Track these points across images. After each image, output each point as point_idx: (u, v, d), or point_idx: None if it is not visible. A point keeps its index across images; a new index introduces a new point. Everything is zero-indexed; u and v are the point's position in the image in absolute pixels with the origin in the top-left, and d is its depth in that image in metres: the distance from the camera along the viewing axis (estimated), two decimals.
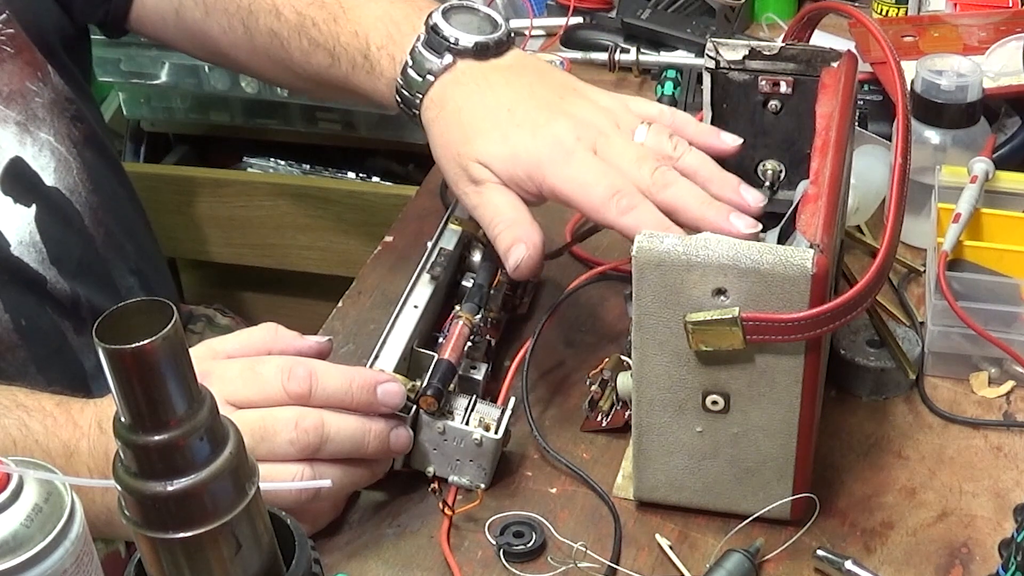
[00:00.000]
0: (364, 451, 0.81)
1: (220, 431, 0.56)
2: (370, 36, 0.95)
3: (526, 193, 0.86)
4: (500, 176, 0.86)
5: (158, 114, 1.75)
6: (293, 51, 1.01)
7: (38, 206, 1.01)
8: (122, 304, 0.54)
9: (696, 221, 0.80)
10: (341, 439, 0.79)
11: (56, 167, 1.04)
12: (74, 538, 0.55)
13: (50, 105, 1.04)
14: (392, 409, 0.82)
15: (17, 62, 1.02)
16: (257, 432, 0.77)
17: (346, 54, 0.97)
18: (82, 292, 1.04)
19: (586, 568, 0.79)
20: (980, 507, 0.84)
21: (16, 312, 0.99)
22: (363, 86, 0.97)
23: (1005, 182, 1.01)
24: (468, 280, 0.96)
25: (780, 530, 0.82)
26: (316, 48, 0.99)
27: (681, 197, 0.81)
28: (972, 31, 1.24)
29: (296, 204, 1.62)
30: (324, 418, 0.79)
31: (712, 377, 0.76)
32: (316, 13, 0.99)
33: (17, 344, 0.99)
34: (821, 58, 0.86)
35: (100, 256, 1.08)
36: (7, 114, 1.00)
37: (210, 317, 1.30)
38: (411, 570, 0.81)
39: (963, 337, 0.92)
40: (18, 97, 1.02)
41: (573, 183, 0.83)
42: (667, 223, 0.80)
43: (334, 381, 0.80)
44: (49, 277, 1.02)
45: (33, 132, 1.02)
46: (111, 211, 1.10)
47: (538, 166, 0.84)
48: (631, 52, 1.32)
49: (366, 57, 0.95)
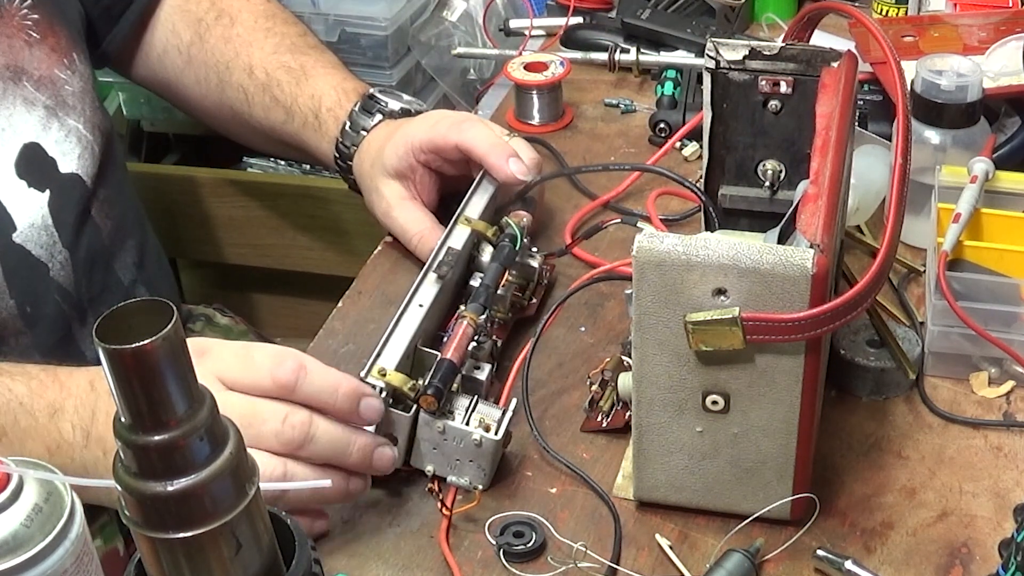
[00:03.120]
0: (345, 460, 0.80)
1: (220, 431, 0.56)
2: (322, 100, 1.13)
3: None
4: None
5: (158, 114, 1.75)
6: (255, 106, 1.17)
7: (52, 191, 1.04)
8: (122, 304, 0.54)
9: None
10: (324, 442, 0.79)
11: (80, 154, 1.07)
12: (74, 538, 0.55)
13: (80, 93, 1.08)
14: (367, 424, 0.82)
15: (43, 48, 1.05)
16: (245, 417, 0.76)
17: (300, 113, 1.14)
18: (85, 282, 1.06)
19: (586, 568, 0.79)
20: (980, 507, 0.84)
21: (22, 297, 1.01)
22: (310, 142, 1.14)
23: (1005, 182, 1.01)
24: (476, 280, 0.96)
25: (780, 530, 0.82)
26: (276, 105, 1.15)
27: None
28: (972, 31, 1.24)
29: (296, 204, 1.62)
30: (313, 418, 0.79)
31: (712, 377, 0.76)
32: (283, 76, 1.15)
33: (22, 330, 1.01)
34: (821, 58, 0.86)
35: (106, 247, 1.10)
36: (36, 96, 1.04)
37: (209, 316, 1.30)
38: (411, 570, 0.81)
39: (963, 337, 0.92)
40: (48, 83, 1.05)
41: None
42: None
43: (321, 381, 0.79)
44: (53, 265, 1.03)
45: (61, 118, 1.05)
46: (118, 204, 1.12)
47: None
48: (631, 52, 1.32)
49: (316, 117, 1.13)
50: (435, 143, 1.04)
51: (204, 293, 1.77)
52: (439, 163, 1.05)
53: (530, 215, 1.01)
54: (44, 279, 1.03)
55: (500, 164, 1.01)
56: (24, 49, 1.03)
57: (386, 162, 1.06)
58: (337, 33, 1.59)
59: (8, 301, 1.00)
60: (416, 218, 1.06)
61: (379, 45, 1.60)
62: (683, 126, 1.15)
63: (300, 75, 1.15)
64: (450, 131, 1.04)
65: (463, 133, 1.03)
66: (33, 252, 1.02)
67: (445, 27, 1.59)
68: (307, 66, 1.15)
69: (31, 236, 1.02)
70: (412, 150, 1.05)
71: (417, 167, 1.05)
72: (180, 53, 1.20)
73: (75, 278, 1.05)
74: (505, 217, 1.00)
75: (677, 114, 1.21)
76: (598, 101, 1.30)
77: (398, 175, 1.06)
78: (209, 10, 1.20)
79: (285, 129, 1.15)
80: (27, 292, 1.01)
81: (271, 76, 1.15)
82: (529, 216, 1.01)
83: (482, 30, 1.55)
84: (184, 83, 1.22)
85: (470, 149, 1.03)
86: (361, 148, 1.10)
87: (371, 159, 1.08)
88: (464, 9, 1.60)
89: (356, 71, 1.19)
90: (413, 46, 1.62)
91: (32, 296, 1.02)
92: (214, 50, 1.18)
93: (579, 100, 1.31)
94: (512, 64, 1.27)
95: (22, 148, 1.02)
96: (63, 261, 1.04)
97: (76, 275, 1.05)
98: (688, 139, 1.18)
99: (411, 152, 1.05)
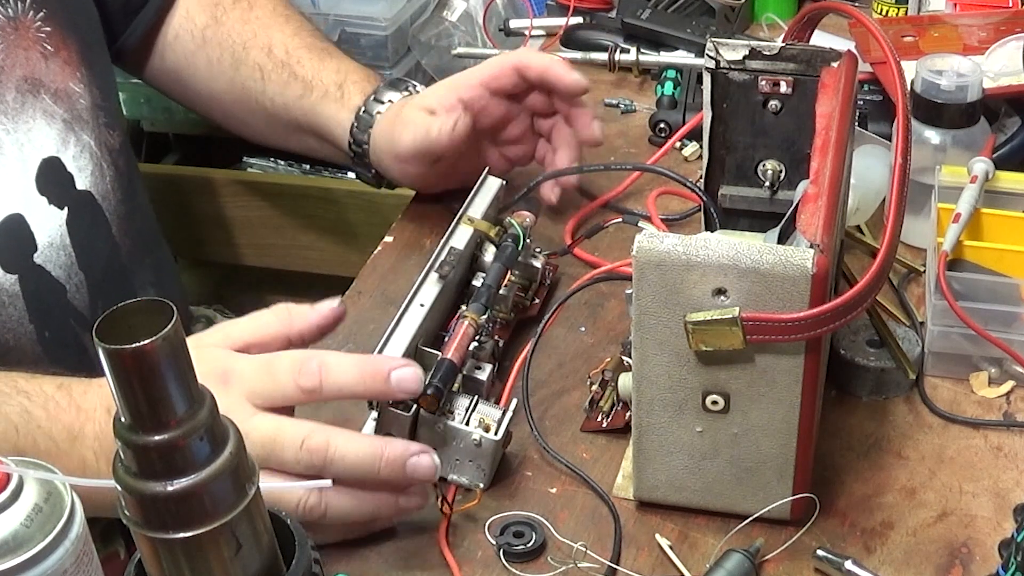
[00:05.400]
0: (375, 476, 0.78)
1: (220, 431, 0.56)
2: (349, 74, 1.12)
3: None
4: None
5: (158, 114, 1.75)
6: (271, 82, 1.14)
7: (70, 209, 1.02)
8: (122, 304, 0.54)
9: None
10: (348, 462, 0.77)
11: (93, 171, 1.05)
12: (74, 538, 0.55)
13: (92, 108, 1.06)
14: (410, 395, 0.79)
15: (57, 61, 1.03)
16: (267, 445, 0.76)
17: (321, 84, 1.12)
18: (102, 303, 1.04)
19: (586, 568, 0.80)
20: (980, 507, 0.84)
21: (40, 323, 0.99)
22: (327, 112, 1.11)
23: (1005, 182, 1.01)
24: (478, 280, 0.96)
25: (780, 530, 0.82)
26: (294, 80, 1.13)
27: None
28: (972, 31, 1.24)
29: (296, 204, 1.62)
30: (330, 439, 0.77)
31: (712, 377, 0.76)
32: (304, 54, 1.14)
33: (41, 357, 0.99)
34: (821, 58, 0.86)
35: (124, 266, 1.09)
36: (55, 110, 1.02)
37: (210, 318, 1.31)
38: (411, 570, 0.81)
39: (963, 337, 0.92)
40: (64, 96, 1.03)
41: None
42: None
43: (344, 374, 0.78)
44: (70, 287, 1.01)
45: (77, 132, 1.04)
46: (136, 222, 1.11)
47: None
48: (631, 52, 1.32)
49: (340, 87, 1.11)
50: (488, 72, 1.05)
51: (204, 293, 1.77)
52: (484, 101, 1.05)
53: (533, 215, 1.01)
54: (61, 302, 1.01)
55: (562, 73, 1.04)
56: (40, 62, 1.01)
57: (419, 100, 1.06)
58: (337, 33, 1.59)
59: (28, 326, 0.98)
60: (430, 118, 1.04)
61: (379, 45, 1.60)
62: (683, 126, 1.15)
63: (324, 54, 1.14)
64: (503, 58, 1.06)
65: (519, 57, 1.06)
66: (52, 273, 1.00)
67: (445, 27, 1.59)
68: (330, 49, 1.16)
69: (50, 256, 1.00)
70: (457, 87, 1.05)
71: (456, 106, 1.03)
72: (193, 37, 1.18)
73: (90, 301, 1.03)
74: (508, 217, 1.00)
75: (677, 114, 1.21)
76: (598, 101, 1.30)
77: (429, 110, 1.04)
78: None
79: (300, 104, 1.13)
80: (46, 316, 0.99)
81: (291, 54, 1.14)
82: (532, 216, 1.01)
83: (482, 30, 1.55)
84: (195, 65, 1.19)
85: (527, 67, 1.05)
86: (385, 113, 1.08)
87: (396, 111, 1.07)
88: (464, 9, 1.60)
89: None
90: (413, 46, 1.62)
91: (50, 320, 0.99)
92: (231, 31, 1.17)
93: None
94: None
95: (41, 163, 1.00)
96: (79, 284, 1.02)
97: (91, 298, 1.03)
98: (688, 139, 1.18)
99: (455, 89, 1.05)
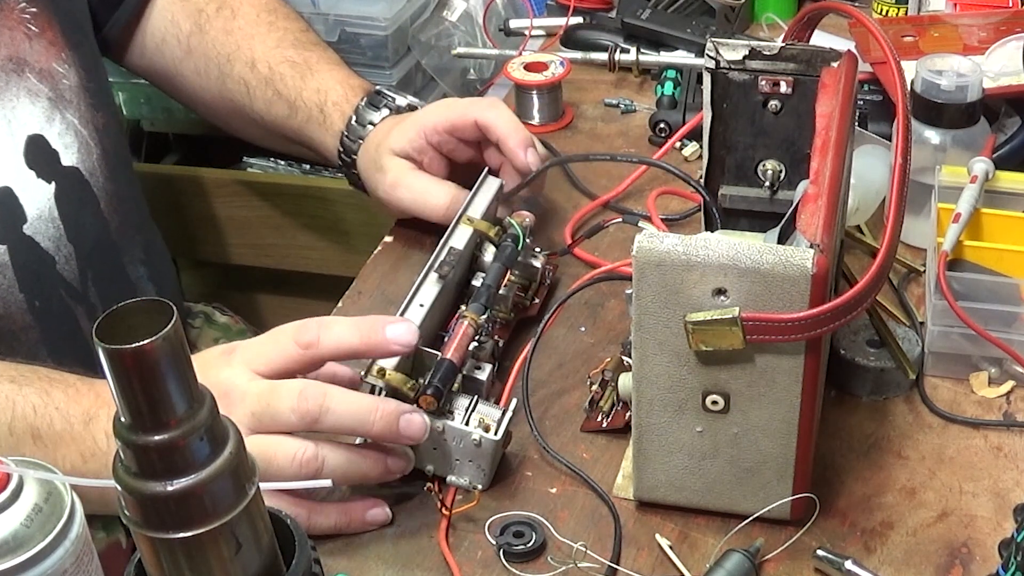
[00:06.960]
0: (369, 429, 0.80)
1: (220, 431, 0.56)
2: (328, 94, 1.12)
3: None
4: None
5: (158, 114, 1.75)
6: (257, 100, 1.16)
7: (58, 183, 1.04)
8: (122, 304, 0.54)
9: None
10: (342, 412, 0.79)
11: (79, 148, 1.07)
12: (74, 538, 0.55)
13: (76, 88, 1.08)
14: (405, 347, 0.81)
15: (42, 41, 1.05)
16: (265, 396, 0.78)
17: (304, 107, 1.13)
18: (91, 275, 1.06)
19: (586, 568, 0.79)
20: (980, 507, 0.84)
21: (30, 292, 1.01)
22: (314, 136, 1.13)
23: (1005, 182, 1.01)
24: (478, 280, 0.96)
25: (780, 530, 0.82)
26: (279, 99, 1.14)
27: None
28: (972, 31, 1.24)
29: (296, 204, 1.62)
30: (327, 391, 0.79)
31: (712, 377, 0.76)
32: (286, 70, 1.14)
33: (30, 325, 1.01)
34: (821, 58, 0.86)
35: (113, 242, 1.10)
36: (40, 88, 1.04)
37: (208, 314, 1.31)
38: (411, 570, 0.81)
39: (963, 337, 0.92)
40: (48, 76, 1.05)
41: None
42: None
43: (342, 331, 0.80)
44: (59, 258, 1.04)
45: (62, 111, 1.06)
46: (125, 201, 1.12)
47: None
48: (631, 52, 1.32)
49: (322, 111, 1.12)
50: (452, 121, 1.03)
51: (204, 293, 1.76)
52: (452, 145, 1.05)
53: (532, 215, 1.01)
54: (51, 273, 1.03)
55: (518, 150, 1.01)
56: (25, 42, 1.04)
57: (393, 143, 1.05)
58: (337, 33, 1.59)
59: (18, 295, 1.00)
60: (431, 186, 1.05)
61: (379, 45, 1.59)
62: (683, 126, 1.15)
63: (304, 70, 1.14)
64: (469, 108, 1.04)
65: (484, 111, 1.03)
66: (41, 244, 1.03)
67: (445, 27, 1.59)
68: (311, 61, 1.15)
69: (40, 228, 1.02)
70: (424, 131, 1.04)
71: (427, 149, 1.04)
72: (179, 43, 1.19)
73: (79, 273, 1.05)
74: (508, 217, 0.99)
75: (677, 114, 1.21)
76: (598, 101, 1.30)
77: (405, 156, 1.05)
78: (210, 1, 1.19)
79: (288, 124, 1.15)
80: (35, 286, 1.02)
81: (274, 70, 1.14)
82: (532, 216, 1.01)
83: (482, 30, 1.55)
84: (183, 74, 1.21)
85: (489, 127, 1.02)
86: (367, 140, 1.09)
87: (376, 144, 1.08)
88: (464, 9, 1.60)
89: (356, 71, 1.19)
90: (413, 46, 1.61)
91: (40, 290, 1.02)
92: (215, 42, 1.17)
93: (579, 100, 1.31)
94: (512, 64, 1.27)
95: (27, 140, 1.03)
96: (68, 255, 1.05)
97: (80, 270, 1.06)
98: (688, 139, 1.19)
99: (423, 133, 1.04)
